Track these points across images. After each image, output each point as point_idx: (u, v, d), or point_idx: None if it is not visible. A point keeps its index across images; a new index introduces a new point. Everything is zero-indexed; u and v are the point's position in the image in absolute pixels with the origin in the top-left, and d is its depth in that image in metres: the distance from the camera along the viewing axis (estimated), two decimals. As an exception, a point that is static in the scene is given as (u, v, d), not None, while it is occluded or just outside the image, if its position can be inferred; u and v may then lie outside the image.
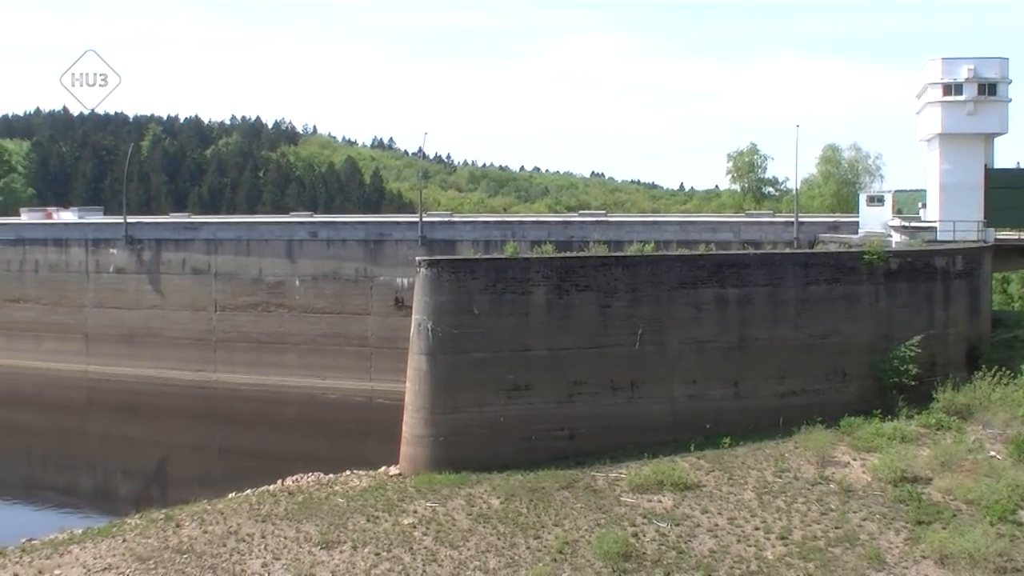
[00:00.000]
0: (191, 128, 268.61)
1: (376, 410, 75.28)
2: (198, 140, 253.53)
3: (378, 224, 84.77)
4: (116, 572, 37.14)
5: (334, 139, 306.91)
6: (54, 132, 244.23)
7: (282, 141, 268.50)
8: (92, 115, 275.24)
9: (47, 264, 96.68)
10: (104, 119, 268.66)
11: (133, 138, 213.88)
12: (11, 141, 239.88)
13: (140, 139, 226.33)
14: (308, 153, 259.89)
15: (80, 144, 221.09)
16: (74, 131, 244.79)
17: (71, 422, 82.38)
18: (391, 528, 40.19)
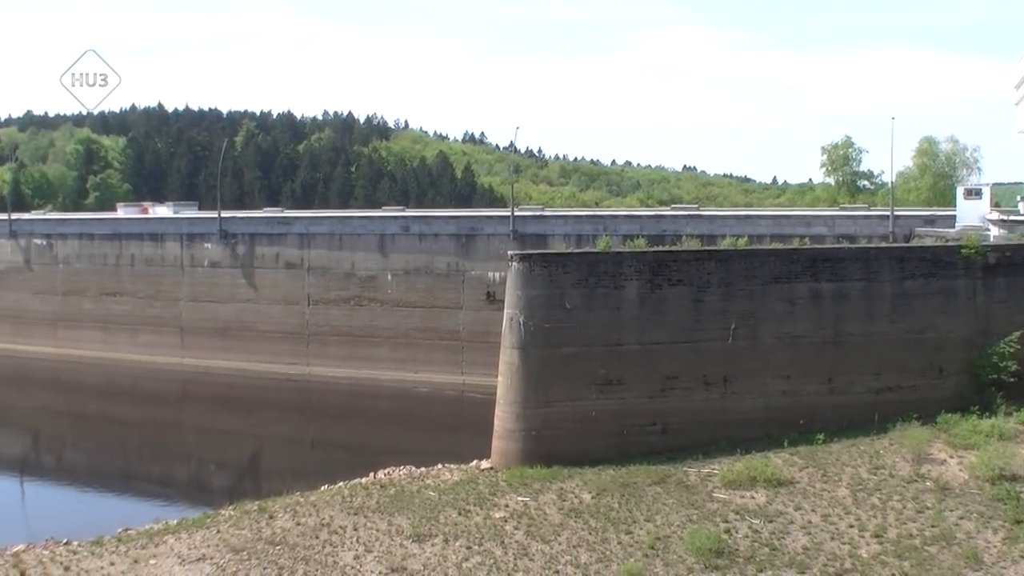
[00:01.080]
0: (284, 123, 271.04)
1: (467, 404, 75.38)
2: (291, 135, 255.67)
3: (470, 218, 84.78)
4: (210, 563, 37.44)
5: (425, 134, 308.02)
6: (149, 128, 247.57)
7: (374, 136, 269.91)
8: (187, 111, 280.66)
9: (143, 258, 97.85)
10: (198, 115, 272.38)
11: (227, 134, 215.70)
12: (107, 137, 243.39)
13: (234, 135, 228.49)
14: (400, 148, 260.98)
15: (175, 140, 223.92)
16: (169, 127, 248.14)
17: (166, 414, 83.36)
18: (482, 522, 40.23)
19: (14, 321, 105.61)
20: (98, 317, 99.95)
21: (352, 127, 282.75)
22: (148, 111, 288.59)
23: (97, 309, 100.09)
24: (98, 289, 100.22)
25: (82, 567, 37.85)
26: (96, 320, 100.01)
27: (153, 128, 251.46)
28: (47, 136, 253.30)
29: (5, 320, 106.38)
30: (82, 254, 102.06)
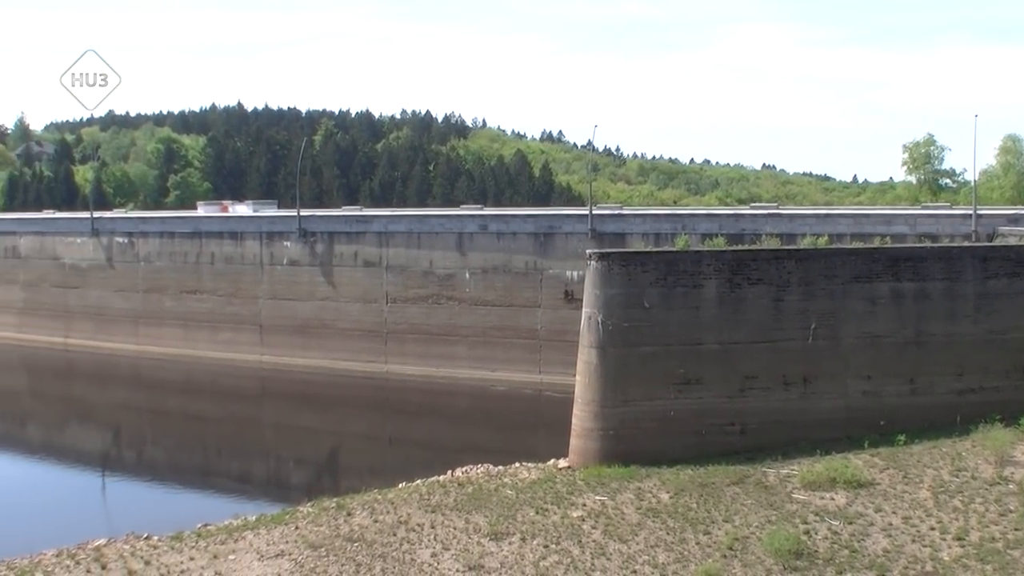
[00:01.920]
0: (362, 122, 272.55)
1: (545, 403, 75.28)
2: (369, 134, 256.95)
3: (548, 217, 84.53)
4: (288, 559, 37.62)
5: (503, 132, 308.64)
6: (229, 127, 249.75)
7: (452, 135, 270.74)
8: (266, 110, 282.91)
9: (223, 256, 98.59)
10: (277, 114, 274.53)
11: (306, 133, 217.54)
12: (188, 136, 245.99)
13: (313, 134, 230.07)
14: (478, 147, 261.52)
15: (254, 139, 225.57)
16: (248, 126, 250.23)
17: (245, 411, 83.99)
18: (560, 521, 40.14)
19: (96, 318, 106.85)
20: (178, 315, 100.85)
21: (430, 126, 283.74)
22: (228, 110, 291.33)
23: (177, 307, 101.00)
24: (178, 287, 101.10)
25: (162, 561, 38.17)
26: (176, 318, 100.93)
27: (233, 127, 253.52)
28: (128, 135, 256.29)
29: (87, 317, 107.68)
30: (163, 252, 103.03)
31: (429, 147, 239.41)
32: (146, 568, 37.54)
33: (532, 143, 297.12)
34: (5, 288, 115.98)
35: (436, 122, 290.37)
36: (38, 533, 46.58)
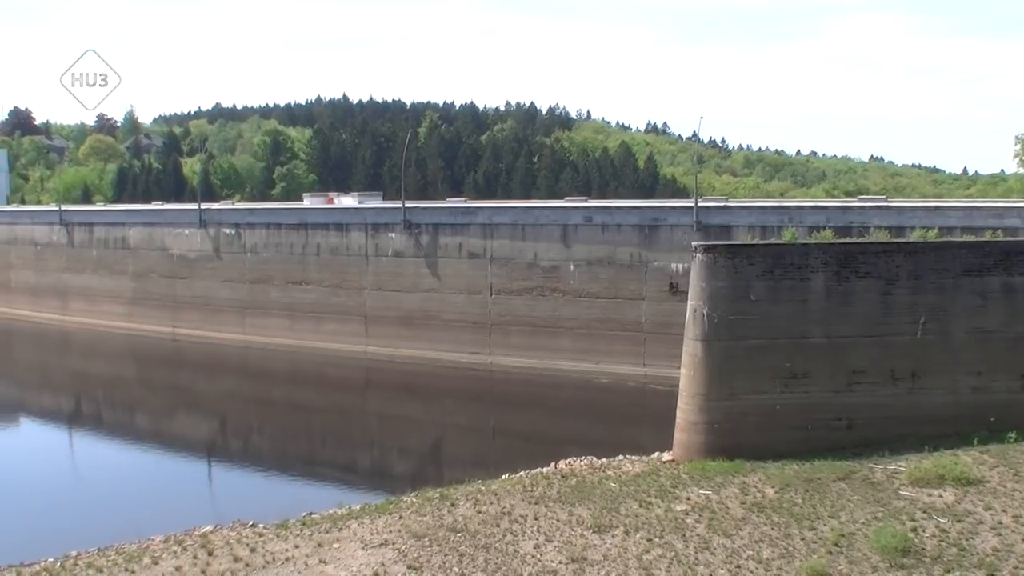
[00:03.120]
0: (467, 114, 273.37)
1: (649, 395, 75.02)
2: (474, 126, 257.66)
3: (653, 209, 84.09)
4: (392, 548, 37.71)
5: (608, 124, 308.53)
6: (334, 120, 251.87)
7: (556, 126, 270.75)
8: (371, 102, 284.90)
9: (328, 248, 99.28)
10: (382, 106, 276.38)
11: (410, 125, 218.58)
12: (294, 129, 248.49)
13: (417, 126, 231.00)
14: (582, 138, 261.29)
15: (359, 131, 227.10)
16: (354, 118, 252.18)
17: (349, 401, 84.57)
18: (663, 514, 39.88)
19: (204, 308, 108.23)
20: (284, 305, 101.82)
21: (534, 117, 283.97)
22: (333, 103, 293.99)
23: (283, 297, 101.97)
24: (284, 278, 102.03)
25: (267, 549, 38.47)
26: (282, 308, 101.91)
27: (338, 119, 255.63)
28: (235, 128, 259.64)
29: (195, 307, 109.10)
30: (269, 243, 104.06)
31: (533, 139, 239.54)
32: (251, 555, 37.84)
33: (637, 135, 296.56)
34: (115, 278, 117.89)
35: (540, 114, 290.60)
36: (146, 519, 47.22)
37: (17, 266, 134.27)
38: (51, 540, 44.47)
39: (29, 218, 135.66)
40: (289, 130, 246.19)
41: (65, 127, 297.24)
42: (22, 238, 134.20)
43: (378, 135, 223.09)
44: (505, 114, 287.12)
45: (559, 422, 72.28)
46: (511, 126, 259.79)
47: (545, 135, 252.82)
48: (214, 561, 37.55)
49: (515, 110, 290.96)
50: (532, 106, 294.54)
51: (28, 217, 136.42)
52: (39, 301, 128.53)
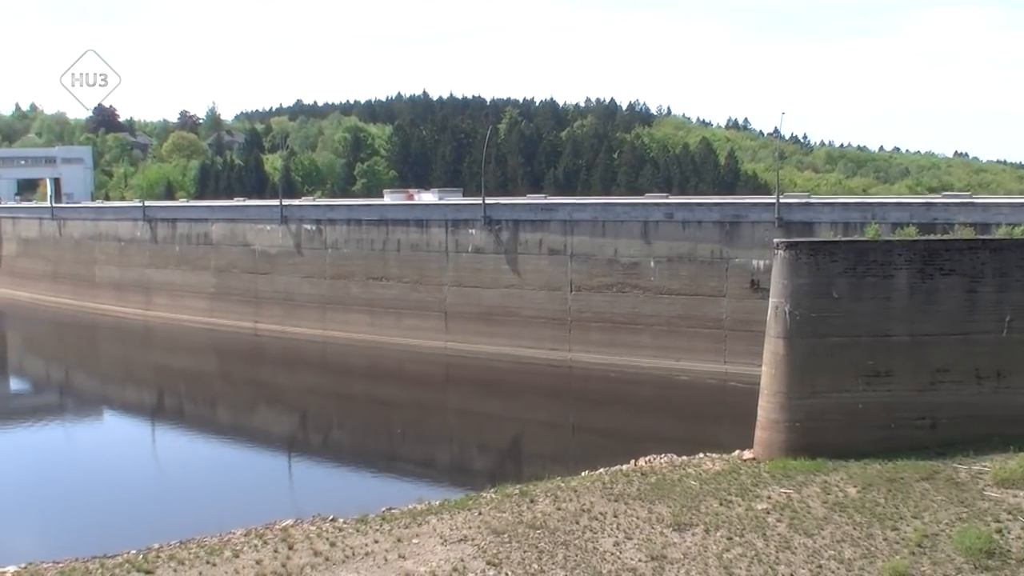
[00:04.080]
0: (547, 110, 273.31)
1: (729, 393, 74.56)
2: (554, 122, 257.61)
3: (734, 205, 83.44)
4: (471, 544, 37.76)
5: (688, 120, 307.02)
6: (415, 116, 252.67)
7: (636, 122, 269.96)
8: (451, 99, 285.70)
9: (408, 244, 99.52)
10: (462, 103, 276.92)
11: (491, 121, 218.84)
12: (374, 125, 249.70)
13: (497, 122, 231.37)
14: (662, 134, 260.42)
15: (439, 127, 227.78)
16: (434, 115, 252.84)
17: (429, 397, 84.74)
18: (744, 513, 39.64)
19: (285, 304, 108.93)
20: (365, 301, 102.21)
21: (614, 114, 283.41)
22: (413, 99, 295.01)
23: (364, 293, 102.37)
24: (365, 274, 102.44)
25: (347, 543, 38.63)
26: (363, 304, 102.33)
27: (418, 116, 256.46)
28: (316, 125, 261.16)
29: (276, 303, 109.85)
30: (350, 239, 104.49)
31: (614, 135, 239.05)
32: (331, 549, 38.02)
33: (717, 131, 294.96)
34: (197, 274, 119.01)
35: (620, 110, 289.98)
36: (227, 512, 47.75)
37: (102, 262, 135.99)
38: (134, 532, 45.02)
39: (113, 214, 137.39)
40: (369, 127, 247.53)
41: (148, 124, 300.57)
42: (106, 234, 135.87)
43: (458, 131, 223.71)
44: (585, 110, 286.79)
45: (639, 419, 72.01)
46: (591, 122, 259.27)
47: (625, 131, 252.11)
48: (294, 555, 37.77)
49: (595, 106, 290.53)
50: (612, 102, 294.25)
51: (112, 213, 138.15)
52: (123, 296, 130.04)
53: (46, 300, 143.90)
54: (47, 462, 65.89)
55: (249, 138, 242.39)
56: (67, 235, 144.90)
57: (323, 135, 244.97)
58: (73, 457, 67.98)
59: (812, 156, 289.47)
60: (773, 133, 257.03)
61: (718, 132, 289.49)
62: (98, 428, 78.68)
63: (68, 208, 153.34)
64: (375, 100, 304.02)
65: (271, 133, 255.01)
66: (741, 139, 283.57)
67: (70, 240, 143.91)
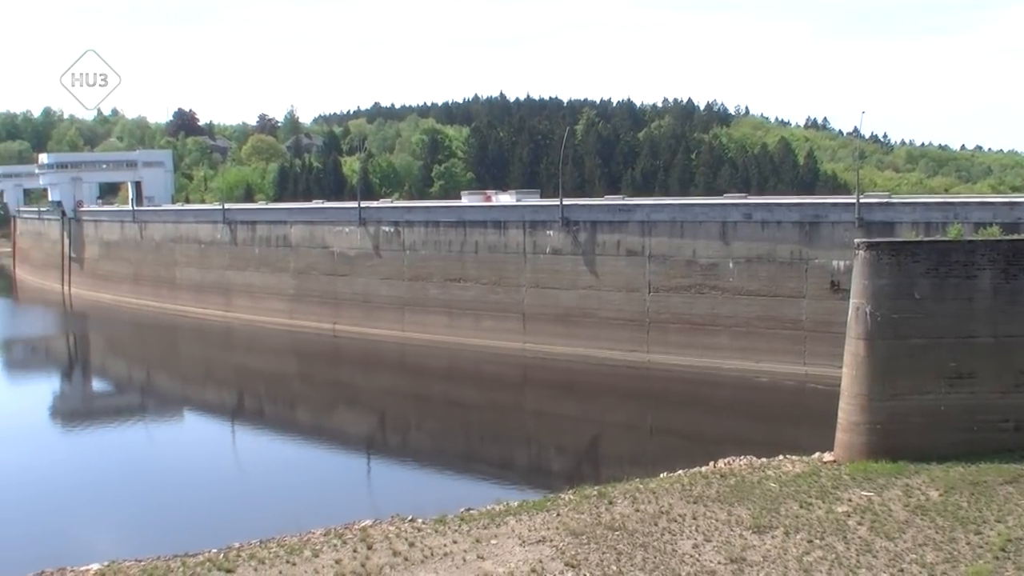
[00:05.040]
0: (624, 111, 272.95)
1: (809, 395, 73.99)
2: (631, 123, 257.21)
3: (813, 206, 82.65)
4: (550, 545, 37.73)
5: (766, 120, 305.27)
6: (492, 118, 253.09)
7: (714, 123, 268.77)
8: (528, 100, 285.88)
9: (486, 245, 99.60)
10: (539, 104, 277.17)
11: (568, 122, 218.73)
12: (452, 127, 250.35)
13: (575, 123, 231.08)
14: (740, 134, 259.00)
15: (517, 129, 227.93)
16: (511, 116, 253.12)
17: (507, 398, 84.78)
18: (824, 515, 39.32)
19: (363, 305, 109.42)
20: (442, 302, 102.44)
21: (692, 114, 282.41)
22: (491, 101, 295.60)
23: (442, 294, 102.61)
24: (443, 275, 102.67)
25: (426, 544, 38.73)
26: (440, 305, 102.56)
27: (495, 117, 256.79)
28: (394, 127, 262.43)
29: (355, 304, 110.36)
30: (428, 241, 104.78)
31: (691, 135, 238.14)
32: (410, 550, 38.13)
33: (796, 130, 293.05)
34: (277, 276, 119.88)
35: (698, 110, 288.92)
36: (307, 512, 48.00)
37: (182, 264, 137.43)
38: (215, 531, 45.51)
39: (193, 217, 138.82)
40: (447, 129, 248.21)
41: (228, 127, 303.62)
42: (187, 236, 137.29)
43: (535, 133, 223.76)
44: (663, 110, 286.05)
45: (717, 421, 71.69)
46: (669, 123, 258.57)
47: (703, 131, 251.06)
48: (373, 555, 37.92)
49: (673, 106, 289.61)
50: (690, 102, 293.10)
51: (192, 216, 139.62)
52: (203, 298, 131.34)
53: (128, 302, 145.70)
54: (130, 461, 66.73)
55: (327, 141, 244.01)
56: (148, 238, 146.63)
57: (401, 137, 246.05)
58: (155, 456, 68.74)
59: (892, 155, 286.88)
60: (853, 132, 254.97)
61: (797, 132, 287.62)
62: (179, 428, 79.44)
63: (149, 211, 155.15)
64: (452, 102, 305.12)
65: (349, 136, 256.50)
66: (820, 139, 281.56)
67: (151, 243, 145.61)
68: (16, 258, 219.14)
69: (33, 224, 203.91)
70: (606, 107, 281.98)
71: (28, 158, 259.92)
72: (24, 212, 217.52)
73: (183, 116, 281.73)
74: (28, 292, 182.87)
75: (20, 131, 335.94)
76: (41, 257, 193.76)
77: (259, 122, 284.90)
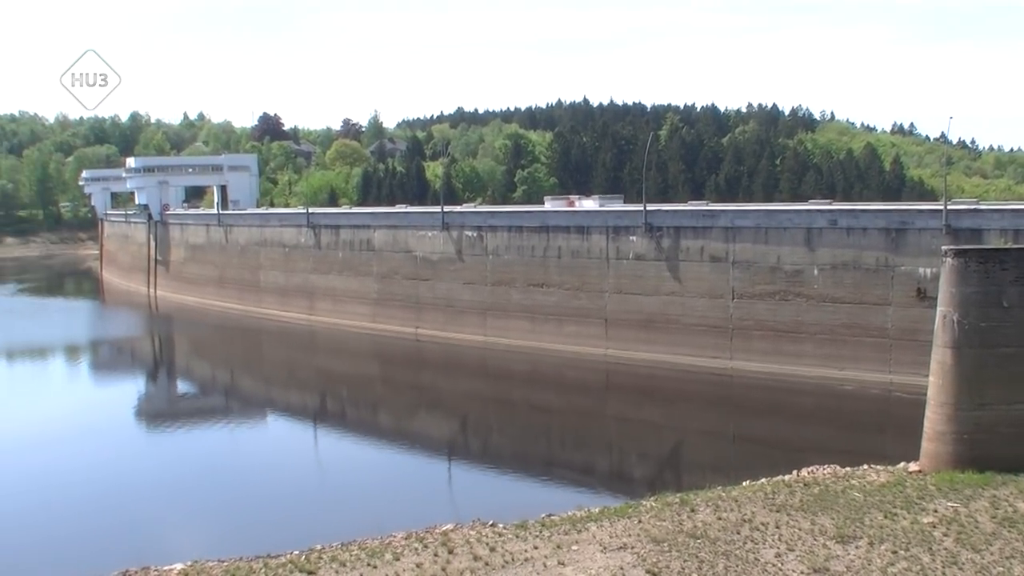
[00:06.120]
0: (708, 117, 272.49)
1: (894, 403, 73.17)
2: (715, 128, 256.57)
3: (900, 212, 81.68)
4: (631, 552, 37.59)
5: (852, 125, 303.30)
6: (575, 123, 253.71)
7: (799, 128, 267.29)
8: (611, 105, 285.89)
9: (569, 250, 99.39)
10: (623, 109, 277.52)
11: (651, 128, 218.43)
12: (535, 132, 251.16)
13: (658, 128, 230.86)
14: (825, 140, 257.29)
15: (600, 134, 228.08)
16: (594, 121, 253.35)
17: (588, 403, 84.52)
18: (909, 526, 38.85)
19: (446, 310, 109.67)
20: (525, 307, 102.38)
21: (777, 119, 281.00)
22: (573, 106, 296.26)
23: (524, 299, 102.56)
24: (525, 280, 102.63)
25: (507, 549, 38.73)
26: (523, 310, 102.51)
27: (579, 123, 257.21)
28: (477, 132, 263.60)
29: (437, 308, 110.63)
30: (511, 246, 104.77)
31: (776, 141, 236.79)
32: (491, 554, 38.14)
33: (882, 136, 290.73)
34: (360, 280, 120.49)
35: (783, 115, 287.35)
36: (388, 515, 48.16)
37: (266, 267, 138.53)
38: (297, 533, 45.77)
39: (278, 221, 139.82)
40: (530, 134, 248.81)
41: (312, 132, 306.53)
42: (271, 240, 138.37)
43: (618, 138, 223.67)
44: (747, 116, 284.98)
45: (801, 429, 71.11)
46: (753, 128, 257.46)
47: (788, 137, 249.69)
48: (454, 559, 37.96)
49: (757, 112, 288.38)
50: (774, 107, 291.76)
51: (277, 220, 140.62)
52: (287, 301, 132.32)
53: (212, 304, 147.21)
54: (213, 462, 67.46)
55: (411, 145, 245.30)
56: (233, 241, 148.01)
57: (484, 142, 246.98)
58: (238, 457, 69.48)
59: (980, 161, 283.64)
60: (940, 138, 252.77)
61: (883, 137, 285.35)
62: (262, 429, 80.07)
63: (234, 215, 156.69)
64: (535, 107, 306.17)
65: (432, 140, 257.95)
66: (906, 144, 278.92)
67: (236, 246, 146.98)
68: (103, 260, 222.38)
69: (120, 227, 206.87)
70: (690, 112, 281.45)
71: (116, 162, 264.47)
72: (111, 215, 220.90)
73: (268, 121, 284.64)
74: (114, 294, 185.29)
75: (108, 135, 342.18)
76: (127, 260, 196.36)
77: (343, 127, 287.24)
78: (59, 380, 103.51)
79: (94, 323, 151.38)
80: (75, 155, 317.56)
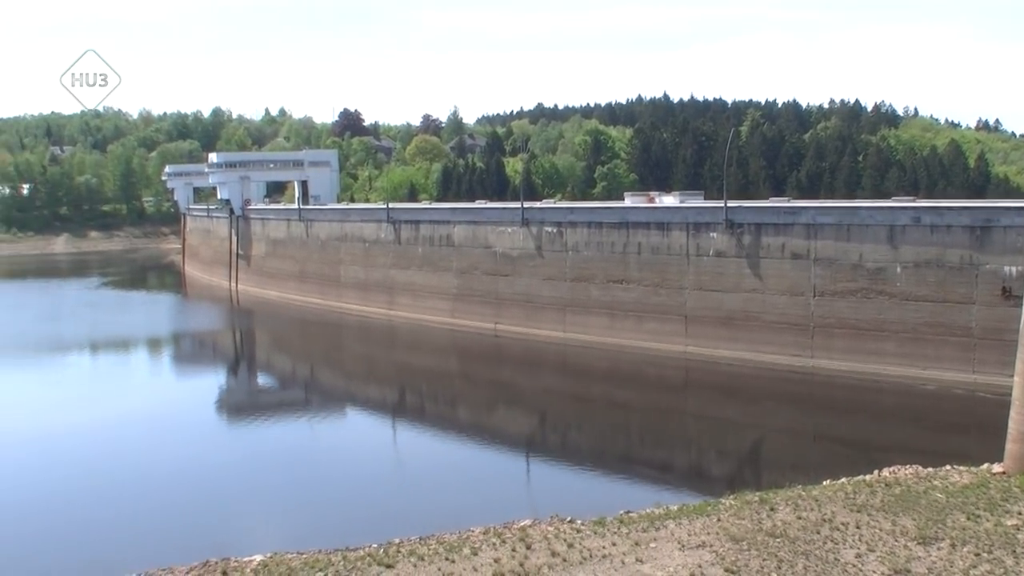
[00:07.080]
0: (789, 113, 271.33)
1: (978, 403, 72.34)
2: (796, 124, 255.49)
3: (985, 209, 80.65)
4: (709, 550, 37.36)
5: (936, 121, 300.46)
6: (655, 119, 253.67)
7: (882, 124, 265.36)
8: (691, 101, 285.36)
9: (649, 247, 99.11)
10: (703, 105, 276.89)
11: (732, 123, 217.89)
12: (615, 128, 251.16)
13: (739, 124, 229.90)
14: (909, 136, 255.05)
15: (680, 130, 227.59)
16: (674, 117, 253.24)
17: (668, 400, 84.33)
18: (992, 528, 38.32)
19: (525, 306, 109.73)
20: (604, 304, 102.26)
21: (859, 115, 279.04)
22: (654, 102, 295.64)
23: (603, 296, 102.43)
24: (605, 276, 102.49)
25: (584, 545, 38.61)
26: (602, 306, 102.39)
27: (659, 119, 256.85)
28: (556, 128, 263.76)
29: (516, 304, 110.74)
30: (590, 242, 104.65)
31: (858, 137, 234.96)
32: (569, 551, 38.04)
33: (967, 132, 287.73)
34: (439, 275, 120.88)
35: (865, 111, 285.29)
36: (466, 510, 48.35)
37: (347, 262, 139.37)
38: (375, 526, 46.10)
39: (358, 216, 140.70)
40: (610, 130, 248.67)
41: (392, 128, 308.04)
42: (351, 235, 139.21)
43: (699, 134, 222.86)
44: (829, 112, 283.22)
45: (882, 428, 70.40)
46: (835, 124, 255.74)
47: (870, 133, 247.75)
48: (532, 555, 37.91)
49: (839, 108, 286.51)
50: (857, 103, 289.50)
51: (357, 215, 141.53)
52: (367, 296, 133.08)
53: (293, 299, 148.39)
54: (293, 454, 67.94)
55: (490, 141, 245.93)
56: (314, 236, 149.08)
57: (563, 138, 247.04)
58: (318, 450, 69.97)
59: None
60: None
61: (967, 134, 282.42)
62: (342, 423, 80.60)
63: (315, 210, 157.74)
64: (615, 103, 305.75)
65: (512, 136, 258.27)
66: (992, 141, 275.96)
67: (316, 241, 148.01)
68: (185, 255, 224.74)
69: (202, 222, 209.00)
70: (771, 108, 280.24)
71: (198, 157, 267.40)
72: (194, 210, 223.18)
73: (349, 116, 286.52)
74: (196, 288, 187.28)
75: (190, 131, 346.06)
76: (209, 254, 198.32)
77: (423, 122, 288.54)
78: (142, 373, 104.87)
79: (176, 317, 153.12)
80: (158, 150, 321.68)
